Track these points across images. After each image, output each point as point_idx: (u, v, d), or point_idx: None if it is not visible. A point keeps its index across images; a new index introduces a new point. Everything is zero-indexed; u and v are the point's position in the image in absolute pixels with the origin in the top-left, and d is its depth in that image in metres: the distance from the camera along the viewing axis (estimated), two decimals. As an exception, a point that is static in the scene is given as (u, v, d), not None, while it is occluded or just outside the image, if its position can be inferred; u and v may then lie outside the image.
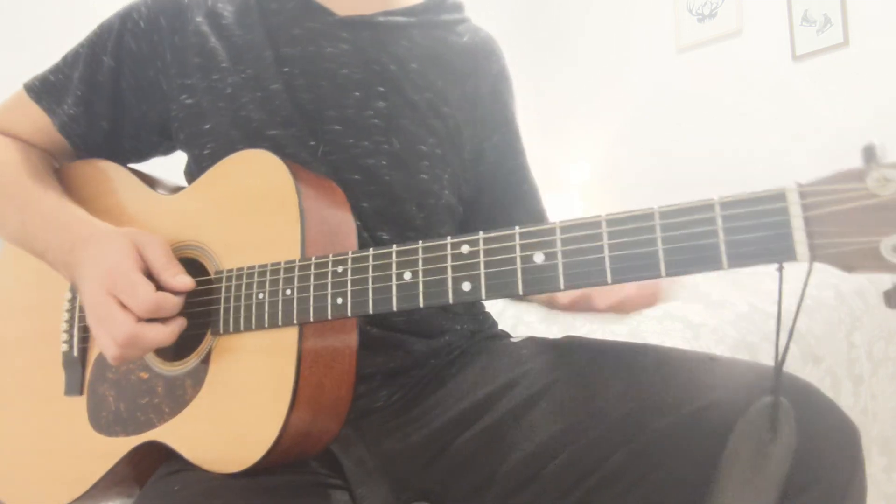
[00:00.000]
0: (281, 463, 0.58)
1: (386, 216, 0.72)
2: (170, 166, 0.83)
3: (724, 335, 1.12)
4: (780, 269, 0.35)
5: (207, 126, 0.71)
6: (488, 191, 0.85)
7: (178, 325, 0.61)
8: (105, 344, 0.59)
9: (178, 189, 0.76)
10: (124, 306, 0.58)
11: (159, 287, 0.60)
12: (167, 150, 0.82)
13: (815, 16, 2.50)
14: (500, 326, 0.87)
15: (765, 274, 1.51)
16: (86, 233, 0.65)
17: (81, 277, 0.62)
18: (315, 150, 0.70)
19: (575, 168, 3.33)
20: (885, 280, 0.35)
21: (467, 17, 0.85)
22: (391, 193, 0.72)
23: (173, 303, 0.60)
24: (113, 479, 0.67)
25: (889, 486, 1.37)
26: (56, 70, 0.78)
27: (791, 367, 1.13)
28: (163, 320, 0.60)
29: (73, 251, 0.64)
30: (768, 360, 1.10)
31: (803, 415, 0.52)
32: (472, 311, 0.82)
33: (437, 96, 0.76)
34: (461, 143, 0.79)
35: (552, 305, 0.78)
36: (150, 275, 0.61)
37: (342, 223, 0.63)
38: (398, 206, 0.73)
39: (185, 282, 0.61)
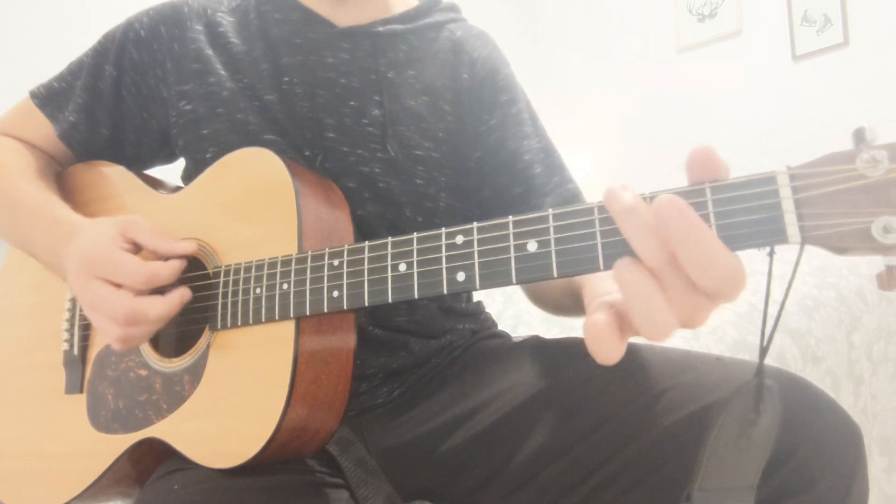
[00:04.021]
0: (279, 458, 0.58)
1: (383, 222, 0.72)
2: (168, 173, 0.83)
3: (723, 335, 1.11)
4: (771, 254, 0.35)
5: (206, 131, 0.72)
6: (490, 176, 0.79)
7: (180, 294, 0.60)
8: (106, 329, 0.58)
9: (178, 189, 0.76)
10: (117, 285, 0.57)
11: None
12: (168, 157, 0.83)
13: (815, 16, 2.50)
14: (501, 326, 0.87)
15: (765, 274, 1.51)
16: (68, 230, 0.65)
17: (69, 271, 0.62)
18: (311, 160, 0.71)
19: (573, 168, 3.32)
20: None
21: (463, 17, 0.85)
22: (387, 199, 0.72)
23: (170, 269, 0.59)
24: (112, 478, 0.67)
25: (889, 486, 1.37)
26: (60, 78, 0.79)
27: (791, 367, 1.12)
28: (162, 294, 0.59)
29: (58, 249, 0.64)
30: (769, 360, 1.10)
31: (806, 414, 0.52)
32: (473, 312, 0.82)
33: (435, 97, 0.76)
34: (463, 138, 0.78)
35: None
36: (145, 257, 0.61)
37: (339, 221, 0.63)
38: (394, 212, 0.73)
39: (184, 245, 0.61)
